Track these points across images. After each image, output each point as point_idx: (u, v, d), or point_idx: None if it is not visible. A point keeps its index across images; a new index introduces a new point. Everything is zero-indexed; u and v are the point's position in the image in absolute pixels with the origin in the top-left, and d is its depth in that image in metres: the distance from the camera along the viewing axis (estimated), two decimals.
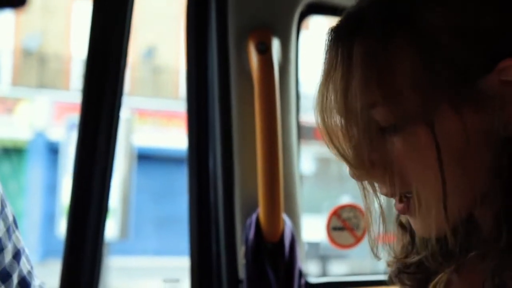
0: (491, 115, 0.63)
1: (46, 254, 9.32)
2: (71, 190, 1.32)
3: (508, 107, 0.63)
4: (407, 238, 0.76)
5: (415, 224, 0.68)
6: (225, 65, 1.40)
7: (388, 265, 0.79)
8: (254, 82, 1.35)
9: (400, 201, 0.67)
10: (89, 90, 1.32)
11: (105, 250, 7.01)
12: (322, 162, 12.16)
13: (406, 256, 0.75)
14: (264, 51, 1.34)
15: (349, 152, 0.67)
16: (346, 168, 0.69)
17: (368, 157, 0.65)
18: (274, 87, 1.33)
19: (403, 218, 0.77)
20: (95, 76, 1.31)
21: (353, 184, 0.70)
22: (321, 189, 10.50)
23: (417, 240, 0.72)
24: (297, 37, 1.46)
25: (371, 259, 0.83)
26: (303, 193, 1.54)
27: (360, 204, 1.50)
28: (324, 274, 8.46)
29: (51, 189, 8.85)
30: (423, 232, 0.68)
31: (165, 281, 1.52)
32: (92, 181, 1.33)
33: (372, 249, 0.73)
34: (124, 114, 7.40)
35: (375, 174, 0.66)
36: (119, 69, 1.32)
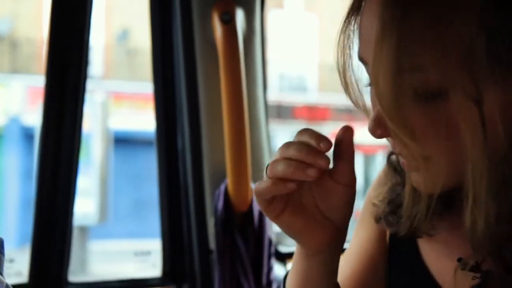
0: None
1: (23, 240, 9.26)
2: (37, 175, 1.32)
3: None
4: (396, 179, 0.76)
5: (418, 179, 0.67)
6: (189, 36, 1.40)
7: (374, 204, 0.79)
8: (219, 53, 1.35)
9: (402, 155, 0.66)
10: (52, 72, 1.31)
11: (85, 234, 6.99)
12: None
13: (395, 199, 0.75)
14: (228, 21, 1.34)
15: (378, 107, 0.64)
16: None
17: (396, 119, 0.62)
18: (239, 57, 1.33)
19: (394, 158, 0.77)
20: (58, 58, 1.31)
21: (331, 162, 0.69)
22: None
23: (407, 189, 0.71)
24: (262, 7, 1.46)
25: (351, 232, 0.83)
26: None
27: None
28: None
29: (28, 174, 8.78)
30: (424, 188, 0.67)
31: (136, 254, 1.52)
32: (58, 166, 1.33)
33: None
34: (100, 97, 7.36)
35: (396, 135, 0.64)
36: (82, 50, 1.32)
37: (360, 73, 0.69)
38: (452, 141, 0.63)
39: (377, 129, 0.65)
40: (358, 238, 0.83)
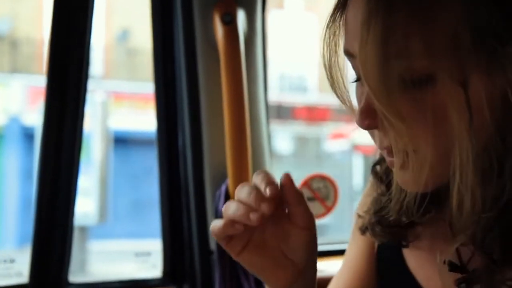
0: (507, 82, 0.63)
1: (23, 241, 9.26)
2: (38, 175, 1.32)
3: None
4: (381, 189, 0.77)
5: (404, 177, 0.67)
6: (191, 37, 1.40)
7: (359, 216, 0.80)
8: (220, 54, 1.35)
9: (390, 154, 0.67)
10: (53, 72, 1.31)
11: (84, 234, 6.98)
12: (300, 141, 12.21)
13: (380, 209, 0.76)
14: (229, 22, 1.34)
15: (367, 89, 0.64)
16: (325, 146, 0.67)
17: (385, 101, 0.62)
18: (240, 58, 1.33)
19: (379, 169, 0.78)
20: (59, 58, 1.31)
21: (330, 163, 0.69)
22: (299, 168, 10.57)
23: (393, 192, 0.72)
24: (263, 8, 1.46)
25: (349, 233, 0.84)
26: (281, 173, 1.54)
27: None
28: None
29: (28, 174, 8.78)
30: (412, 186, 0.67)
31: (137, 255, 1.53)
32: (59, 166, 1.33)
33: None
34: (100, 97, 7.35)
35: (384, 126, 0.64)
36: (84, 50, 1.32)
37: (346, 70, 0.70)
38: (440, 129, 0.63)
39: (365, 120, 0.65)
40: (350, 252, 0.84)
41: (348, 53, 0.68)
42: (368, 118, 0.65)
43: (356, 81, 0.69)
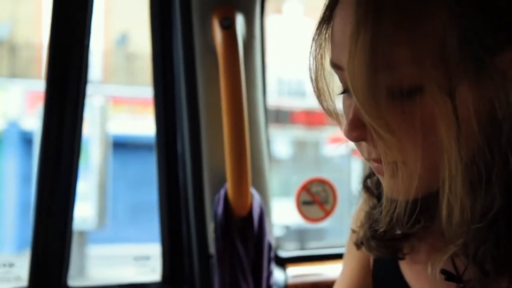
0: (495, 93, 0.63)
1: (21, 245, 9.24)
2: (37, 180, 1.32)
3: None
4: (373, 202, 0.77)
5: (394, 187, 0.66)
6: (190, 41, 1.40)
7: (353, 231, 0.80)
8: (219, 58, 1.35)
9: (378, 161, 0.67)
10: (53, 77, 1.31)
11: (83, 239, 6.97)
12: (299, 145, 12.21)
13: (374, 222, 0.76)
14: (228, 27, 1.34)
15: (355, 101, 0.63)
16: (324, 150, 0.67)
17: (373, 113, 0.62)
18: (239, 62, 1.33)
19: (370, 183, 0.78)
20: (58, 63, 1.31)
21: (329, 167, 0.69)
22: (298, 172, 10.56)
23: (384, 203, 0.71)
24: (262, 13, 1.47)
25: (346, 236, 0.85)
26: (280, 177, 1.55)
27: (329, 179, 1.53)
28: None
29: (26, 179, 8.77)
30: (401, 195, 0.67)
31: (136, 259, 1.52)
32: (58, 170, 1.33)
33: None
34: (99, 102, 7.36)
35: (371, 138, 0.64)
36: (83, 55, 1.32)
37: (333, 83, 0.70)
38: (429, 141, 0.63)
39: (353, 131, 0.66)
40: (346, 268, 0.84)
41: (335, 66, 0.68)
42: (356, 130, 0.65)
43: (343, 93, 0.69)
